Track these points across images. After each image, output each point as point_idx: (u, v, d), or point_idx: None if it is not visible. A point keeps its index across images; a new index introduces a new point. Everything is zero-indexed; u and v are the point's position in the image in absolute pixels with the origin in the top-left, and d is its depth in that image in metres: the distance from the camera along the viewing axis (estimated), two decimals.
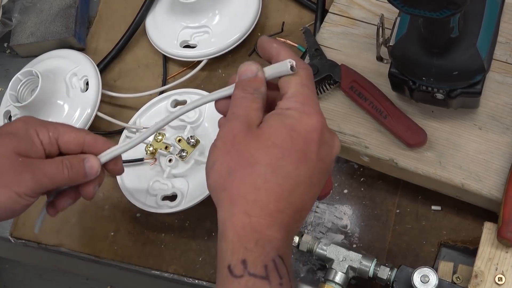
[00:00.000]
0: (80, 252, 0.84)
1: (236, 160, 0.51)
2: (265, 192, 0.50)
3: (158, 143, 0.83)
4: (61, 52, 0.93)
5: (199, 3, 0.89)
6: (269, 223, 0.50)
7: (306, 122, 0.52)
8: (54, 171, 0.62)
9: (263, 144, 0.51)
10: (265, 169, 0.51)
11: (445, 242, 0.73)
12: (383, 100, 0.71)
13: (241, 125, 0.53)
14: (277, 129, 0.52)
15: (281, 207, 0.51)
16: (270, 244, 0.50)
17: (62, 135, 0.64)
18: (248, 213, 0.50)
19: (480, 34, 0.61)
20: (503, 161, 0.67)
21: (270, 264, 0.49)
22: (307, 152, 0.52)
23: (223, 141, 0.53)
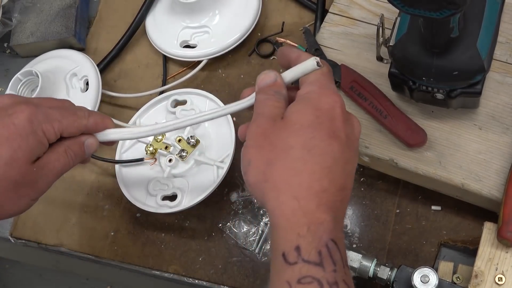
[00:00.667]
0: (80, 252, 0.84)
1: (271, 151, 0.52)
2: (307, 173, 0.51)
3: (158, 143, 0.83)
4: (61, 52, 0.93)
5: (199, 3, 0.89)
6: (317, 204, 0.50)
7: (326, 100, 0.54)
8: (62, 167, 0.63)
9: (292, 129, 0.53)
10: (301, 151, 0.51)
11: (445, 242, 0.73)
12: (383, 100, 0.71)
13: (267, 120, 0.54)
14: (301, 112, 0.53)
15: (325, 185, 0.51)
16: (321, 227, 0.50)
17: (66, 129, 0.64)
18: (296, 197, 0.50)
19: (480, 34, 0.61)
20: (503, 161, 0.67)
21: (323, 249, 0.49)
22: (334, 129, 0.53)
23: (253, 140, 0.54)
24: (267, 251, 0.78)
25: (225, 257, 0.79)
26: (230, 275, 0.78)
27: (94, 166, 0.88)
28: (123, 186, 0.82)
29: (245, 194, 0.82)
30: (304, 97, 0.55)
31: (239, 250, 0.79)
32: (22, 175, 0.60)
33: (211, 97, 0.84)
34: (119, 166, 0.84)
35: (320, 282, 0.48)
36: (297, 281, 0.48)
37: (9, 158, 0.59)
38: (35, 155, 0.61)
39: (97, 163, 0.87)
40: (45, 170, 0.62)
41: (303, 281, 0.48)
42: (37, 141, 0.61)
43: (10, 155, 0.59)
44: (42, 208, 0.87)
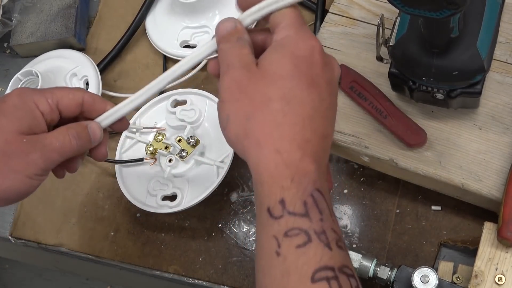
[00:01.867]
0: (80, 252, 0.84)
1: (249, 104, 0.50)
2: (288, 125, 0.49)
3: (158, 143, 0.83)
4: (61, 52, 0.93)
5: (199, 3, 0.89)
6: (301, 156, 0.48)
7: (304, 46, 0.51)
8: (62, 145, 0.60)
9: (270, 80, 0.50)
10: (280, 103, 0.49)
11: (445, 242, 0.73)
12: (383, 100, 0.71)
13: (240, 70, 0.51)
14: (279, 61, 0.51)
15: (307, 136, 0.49)
16: (305, 178, 0.48)
17: (61, 99, 0.62)
18: (278, 150, 0.48)
19: (480, 34, 0.61)
20: (503, 161, 0.67)
21: (308, 199, 0.47)
22: (313, 76, 0.51)
23: (228, 93, 0.51)
24: None
25: (225, 257, 0.79)
26: (230, 275, 0.78)
27: (94, 166, 0.88)
28: (123, 186, 0.82)
29: (245, 194, 0.82)
30: (280, 43, 0.52)
31: (239, 250, 0.79)
32: (8, 144, 0.58)
33: (211, 97, 0.84)
34: (119, 166, 0.84)
35: (307, 232, 0.46)
36: (284, 234, 0.46)
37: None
38: (26, 126, 0.59)
39: (97, 163, 0.87)
40: (39, 144, 0.59)
41: (290, 233, 0.46)
42: (26, 111, 0.59)
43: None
44: (42, 208, 0.87)
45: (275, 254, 0.46)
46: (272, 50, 0.52)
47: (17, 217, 0.87)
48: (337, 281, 0.45)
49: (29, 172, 0.59)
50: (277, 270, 0.46)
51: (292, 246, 0.46)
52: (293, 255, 0.46)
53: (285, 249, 0.46)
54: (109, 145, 0.87)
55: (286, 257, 0.46)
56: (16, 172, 0.58)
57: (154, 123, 0.86)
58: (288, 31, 0.52)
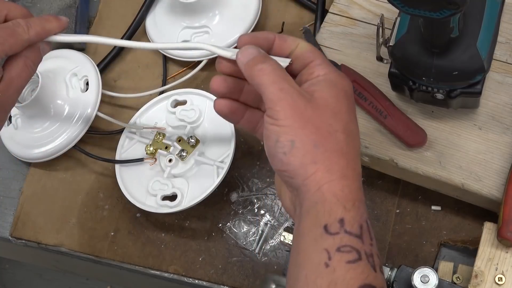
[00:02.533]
0: (80, 252, 0.84)
1: (316, 133, 0.52)
2: (350, 156, 0.53)
3: (158, 143, 0.83)
4: (61, 52, 0.93)
5: (199, 3, 0.88)
6: (358, 186, 0.53)
7: (348, 84, 0.56)
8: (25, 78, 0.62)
9: (332, 113, 0.53)
10: (344, 134, 0.53)
11: (445, 242, 0.73)
12: (383, 100, 0.71)
13: (300, 99, 0.53)
14: (337, 96, 0.54)
15: (358, 169, 0.54)
16: (362, 205, 0.52)
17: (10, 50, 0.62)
18: (345, 176, 0.52)
19: (480, 34, 0.61)
20: (503, 161, 0.67)
21: (364, 224, 0.51)
22: (354, 111, 0.56)
23: (292, 120, 0.52)
24: (267, 251, 0.78)
25: (225, 257, 0.79)
26: (230, 275, 0.78)
27: (94, 166, 0.88)
28: (123, 186, 0.82)
29: (245, 194, 0.82)
30: (328, 79, 0.55)
31: (239, 250, 0.79)
32: None
33: (211, 97, 0.84)
34: (119, 166, 0.84)
35: (358, 251, 0.50)
36: (337, 249, 0.49)
37: None
38: None
39: (97, 163, 0.87)
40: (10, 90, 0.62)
41: (342, 249, 0.49)
42: None
43: None
44: (42, 208, 0.87)
45: (324, 265, 0.49)
46: (324, 84, 0.55)
47: (17, 217, 0.87)
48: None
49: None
50: (324, 279, 0.49)
51: (343, 261, 0.49)
52: (342, 269, 0.49)
53: (335, 262, 0.49)
54: (109, 145, 0.87)
55: (335, 269, 0.49)
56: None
57: (154, 123, 0.86)
58: (327, 68, 0.56)
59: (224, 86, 0.59)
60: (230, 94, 0.60)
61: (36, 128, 0.87)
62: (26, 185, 0.89)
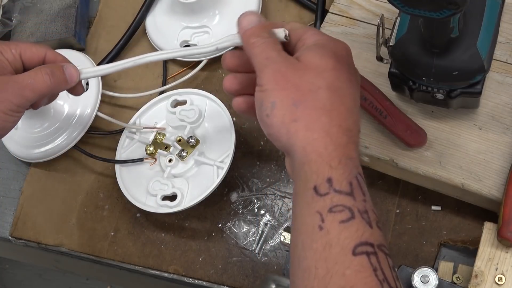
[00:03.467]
0: (80, 252, 0.84)
1: (297, 92, 0.52)
2: (336, 112, 0.52)
3: (158, 143, 0.83)
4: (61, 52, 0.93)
5: (199, 3, 0.89)
6: (347, 141, 0.52)
7: (341, 46, 0.56)
8: (34, 81, 0.63)
9: (316, 72, 0.53)
10: (327, 92, 0.52)
11: (445, 242, 0.73)
12: (383, 100, 0.71)
13: (284, 63, 0.54)
14: (322, 56, 0.54)
15: (350, 125, 0.53)
16: (351, 161, 0.51)
17: (24, 50, 0.65)
18: (328, 132, 0.51)
19: (480, 34, 0.61)
20: (503, 161, 0.67)
21: (354, 181, 0.50)
22: (351, 73, 0.55)
23: (273, 83, 0.53)
24: (267, 251, 0.79)
25: (225, 257, 0.79)
26: (230, 275, 0.78)
27: (94, 166, 0.88)
28: (123, 186, 0.82)
29: (245, 194, 0.82)
30: (317, 43, 0.55)
31: (239, 250, 0.79)
32: None
33: (211, 97, 0.84)
34: (119, 166, 0.84)
35: (351, 209, 0.49)
36: (329, 210, 0.49)
37: None
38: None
39: (97, 163, 0.87)
40: (11, 82, 0.62)
41: (334, 209, 0.49)
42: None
43: None
44: (42, 208, 0.87)
45: (318, 228, 0.48)
46: (312, 47, 0.55)
47: (17, 217, 0.87)
48: (376, 257, 0.48)
49: (3, 108, 0.62)
50: (319, 243, 0.48)
51: (335, 221, 0.48)
52: (336, 229, 0.48)
53: (328, 223, 0.48)
54: (109, 145, 0.87)
55: (329, 231, 0.48)
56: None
57: (154, 123, 0.86)
58: (320, 35, 0.56)
59: (236, 83, 0.60)
60: (245, 90, 0.60)
61: (36, 128, 0.87)
62: (26, 185, 0.89)
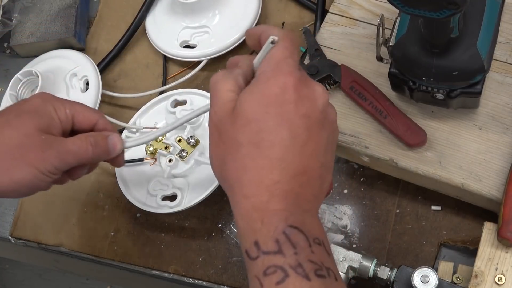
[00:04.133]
0: (80, 252, 0.84)
1: (224, 149, 0.52)
2: (256, 169, 0.50)
3: (158, 143, 0.83)
4: (61, 52, 0.93)
5: (199, 3, 0.89)
6: (268, 198, 0.49)
7: (275, 83, 0.51)
8: (78, 149, 0.63)
9: (239, 124, 0.51)
10: (248, 147, 0.50)
11: (445, 242, 0.73)
12: (383, 100, 0.71)
13: (219, 113, 0.52)
14: (248, 103, 0.51)
15: (276, 177, 0.50)
16: (275, 217, 0.49)
17: (78, 113, 0.65)
18: (246, 196, 0.50)
19: (480, 34, 0.61)
20: (503, 161, 0.67)
21: (280, 237, 0.48)
22: (283, 114, 0.50)
23: (211, 135, 0.54)
24: None
25: (225, 257, 0.79)
26: (230, 275, 0.78)
27: None
28: (123, 186, 0.82)
29: None
30: (253, 82, 0.52)
31: (239, 250, 0.79)
32: (27, 138, 0.61)
33: None
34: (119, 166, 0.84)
35: (282, 268, 0.47)
36: (263, 273, 0.47)
37: (16, 123, 0.62)
38: (45, 125, 0.62)
39: None
40: (56, 143, 0.62)
41: (268, 272, 0.47)
42: (46, 113, 0.63)
43: (18, 121, 0.62)
44: (42, 208, 0.87)
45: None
46: (246, 89, 0.52)
47: (17, 217, 0.87)
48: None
49: (43, 167, 0.61)
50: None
51: (272, 284, 0.47)
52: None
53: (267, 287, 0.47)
54: None
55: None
56: (31, 165, 0.61)
57: (154, 123, 0.86)
58: (266, 66, 0.53)
59: None
60: None
61: None
62: None
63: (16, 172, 0.61)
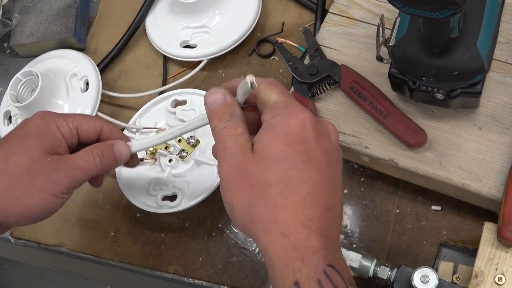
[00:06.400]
0: (80, 252, 0.84)
1: (250, 192, 0.51)
2: (290, 207, 0.50)
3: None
4: (61, 52, 0.93)
5: (199, 3, 0.89)
6: (307, 236, 0.49)
7: (294, 122, 0.52)
8: (86, 163, 0.62)
9: (266, 164, 0.51)
10: (279, 186, 0.50)
11: (445, 242, 0.73)
12: (383, 100, 0.71)
13: (237, 156, 0.52)
14: (272, 143, 0.51)
15: (310, 214, 0.50)
16: (315, 256, 0.49)
17: (81, 124, 0.64)
18: (284, 233, 0.49)
19: (480, 34, 0.61)
20: (503, 161, 0.67)
21: (322, 277, 0.48)
22: (308, 151, 0.51)
23: (228, 181, 0.52)
24: None
25: (225, 257, 0.79)
26: (230, 275, 0.78)
27: None
28: (123, 186, 0.82)
29: None
30: (270, 123, 0.53)
31: (239, 250, 0.79)
32: (34, 163, 0.60)
33: None
34: (119, 166, 0.84)
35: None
36: None
37: (20, 149, 0.60)
38: (49, 146, 0.61)
39: None
40: (63, 163, 0.61)
41: None
42: (49, 133, 0.62)
43: (22, 146, 0.61)
44: None
45: None
46: (264, 131, 0.53)
47: None
48: None
49: (54, 190, 0.61)
50: None
51: None
52: None
53: None
54: None
55: None
56: (42, 190, 0.60)
57: (154, 123, 0.86)
58: (277, 109, 0.53)
59: None
60: None
61: None
62: None
63: (27, 200, 0.60)
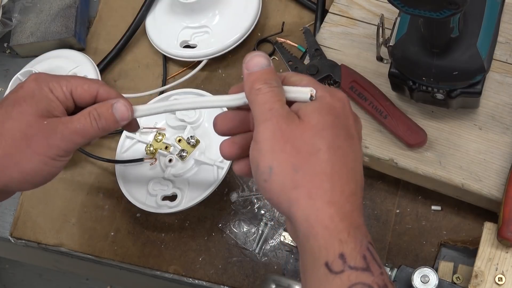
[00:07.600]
0: (80, 252, 0.84)
1: (296, 155, 0.49)
2: (337, 176, 0.49)
3: (158, 143, 0.83)
4: (61, 52, 0.93)
5: (199, 3, 0.89)
6: (351, 208, 0.48)
7: (337, 98, 0.52)
8: (83, 127, 0.60)
9: (315, 130, 0.50)
10: (328, 153, 0.49)
11: (445, 242, 0.73)
12: (383, 100, 0.71)
13: (285, 119, 0.50)
14: (320, 113, 0.51)
15: (353, 189, 0.49)
16: (359, 231, 0.48)
17: (76, 88, 0.62)
18: (331, 202, 0.48)
19: (480, 34, 0.61)
20: (503, 161, 0.67)
21: (367, 253, 0.47)
22: (349, 127, 0.52)
23: (272, 143, 0.50)
24: (267, 251, 0.78)
25: (225, 257, 0.79)
26: (230, 275, 0.78)
27: (94, 166, 0.88)
28: (123, 186, 0.82)
29: (245, 194, 0.82)
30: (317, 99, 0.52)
31: (239, 250, 0.79)
32: (30, 127, 0.59)
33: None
34: (119, 166, 0.84)
35: (371, 287, 0.46)
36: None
37: (16, 113, 0.60)
38: (45, 110, 0.60)
39: (97, 163, 0.87)
40: (60, 126, 0.60)
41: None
42: (42, 96, 0.61)
43: (17, 110, 0.60)
44: (42, 208, 0.87)
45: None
46: (309, 104, 0.52)
47: (17, 217, 0.87)
48: None
49: (51, 153, 0.60)
50: None
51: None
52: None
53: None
54: (109, 145, 0.87)
55: None
56: (39, 154, 0.60)
57: (154, 123, 0.86)
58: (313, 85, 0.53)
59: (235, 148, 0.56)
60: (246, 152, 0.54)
61: None
62: None
63: (25, 164, 0.60)
